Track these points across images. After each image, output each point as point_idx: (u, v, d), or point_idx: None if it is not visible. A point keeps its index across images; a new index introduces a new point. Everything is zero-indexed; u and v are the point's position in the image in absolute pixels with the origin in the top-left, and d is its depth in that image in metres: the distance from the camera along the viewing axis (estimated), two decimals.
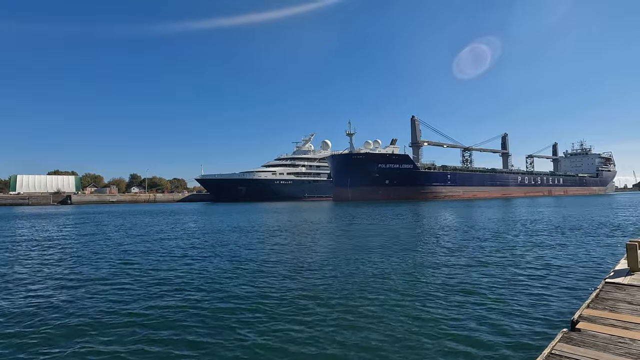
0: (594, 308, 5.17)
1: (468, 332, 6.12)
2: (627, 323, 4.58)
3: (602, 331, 4.32)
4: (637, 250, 7.17)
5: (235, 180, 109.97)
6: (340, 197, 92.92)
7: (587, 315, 4.86)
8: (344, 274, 10.60)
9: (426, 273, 10.55)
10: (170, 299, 8.32)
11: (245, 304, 7.90)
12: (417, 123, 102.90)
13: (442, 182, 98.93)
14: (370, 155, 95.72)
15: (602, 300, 5.51)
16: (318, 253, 14.50)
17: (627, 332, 4.27)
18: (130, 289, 9.29)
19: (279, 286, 9.31)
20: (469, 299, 7.97)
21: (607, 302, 5.45)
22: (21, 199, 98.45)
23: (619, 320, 4.67)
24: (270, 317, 7.02)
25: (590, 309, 5.13)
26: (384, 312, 7.18)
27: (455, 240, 17.55)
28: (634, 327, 4.43)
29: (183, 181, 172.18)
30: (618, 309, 5.11)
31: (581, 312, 4.97)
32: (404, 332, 6.20)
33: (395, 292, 8.56)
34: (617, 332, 4.28)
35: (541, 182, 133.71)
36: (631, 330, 4.33)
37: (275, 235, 20.78)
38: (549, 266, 11.25)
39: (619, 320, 4.68)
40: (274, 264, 12.37)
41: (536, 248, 14.76)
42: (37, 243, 18.85)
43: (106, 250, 15.97)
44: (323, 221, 30.49)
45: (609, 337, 4.14)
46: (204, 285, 9.58)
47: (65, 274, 11.28)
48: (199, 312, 7.37)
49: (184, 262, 13.02)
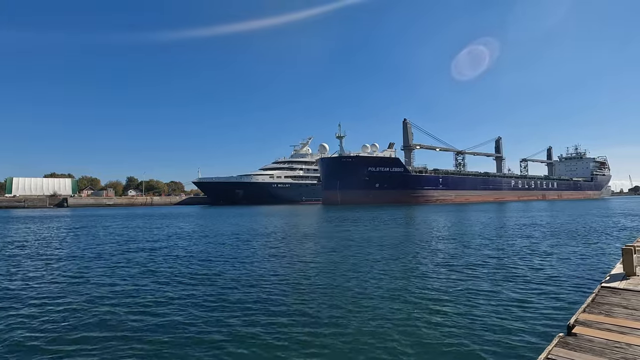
0: (590, 312, 5.17)
1: (463, 338, 6.10)
2: (623, 328, 4.58)
3: (598, 336, 4.32)
4: (632, 254, 7.19)
5: (232, 183, 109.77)
6: (330, 200, 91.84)
7: (583, 319, 4.86)
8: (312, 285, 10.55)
9: (419, 278, 10.53)
10: (162, 303, 8.27)
11: (225, 315, 7.85)
12: (409, 126, 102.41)
13: (433, 186, 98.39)
14: (360, 158, 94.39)
15: (598, 305, 5.51)
16: (294, 262, 14.31)
17: (623, 337, 4.27)
18: (117, 292, 9.23)
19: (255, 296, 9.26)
20: (464, 304, 7.94)
21: (603, 306, 5.46)
22: (17, 201, 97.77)
23: (615, 325, 4.67)
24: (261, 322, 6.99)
25: (586, 313, 5.13)
26: (374, 322, 7.03)
27: (448, 245, 17.50)
28: (630, 332, 4.44)
29: (180, 184, 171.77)
30: (614, 314, 5.11)
31: (577, 316, 4.97)
32: (399, 337, 6.17)
33: (387, 300, 8.51)
34: (613, 337, 4.28)
35: (535, 186, 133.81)
36: (627, 335, 4.34)
37: (249, 240, 20.70)
38: (545, 271, 11.25)
39: (615, 324, 4.69)
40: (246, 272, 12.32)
41: (531, 253, 14.75)
42: (26, 246, 18.70)
43: (89, 255, 15.86)
44: (302, 226, 30.43)
45: (605, 342, 4.14)
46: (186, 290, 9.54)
47: (48, 278, 11.20)
48: (191, 318, 7.33)
49: (170, 266, 12.96)
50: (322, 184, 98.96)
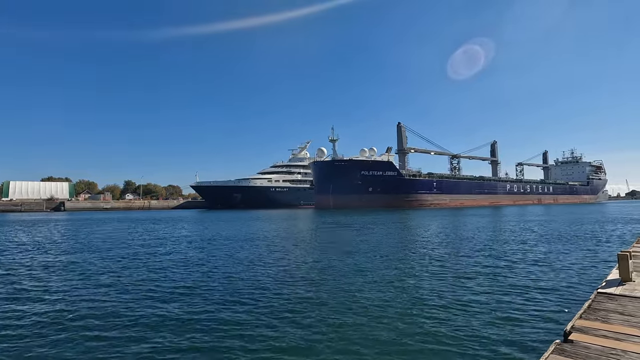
0: (586, 319, 5.20)
1: (459, 345, 6.09)
2: (619, 334, 4.61)
3: (595, 342, 4.35)
4: (628, 260, 7.23)
5: (230, 187, 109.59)
6: (322, 204, 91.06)
7: (579, 326, 4.89)
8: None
9: (414, 284, 10.53)
10: (157, 306, 8.24)
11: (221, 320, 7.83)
12: (403, 130, 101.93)
13: (427, 190, 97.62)
14: (353, 162, 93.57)
15: (594, 311, 5.54)
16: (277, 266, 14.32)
17: (619, 344, 4.30)
18: (110, 295, 9.19)
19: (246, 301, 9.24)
20: (459, 311, 7.90)
21: (600, 312, 5.49)
22: (14, 205, 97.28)
23: (611, 332, 4.70)
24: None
25: (582, 319, 5.16)
26: (370, 328, 7.00)
27: (441, 250, 17.45)
28: (626, 339, 4.47)
29: (178, 188, 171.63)
30: (610, 320, 5.14)
31: (574, 323, 4.99)
32: (395, 344, 6.18)
33: (381, 306, 8.47)
34: (609, 344, 4.30)
35: (531, 190, 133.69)
36: (623, 342, 4.36)
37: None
38: (540, 276, 11.25)
39: (611, 331, 4.72)
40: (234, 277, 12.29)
41: (526, 258, 14.73)
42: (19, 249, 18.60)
43: (81, 259, 15.79)
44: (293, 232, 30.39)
45: (601, 349, 4.16)
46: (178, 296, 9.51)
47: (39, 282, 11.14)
48: (188, 322, 7.31)
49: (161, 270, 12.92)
50: (315, 188, 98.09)
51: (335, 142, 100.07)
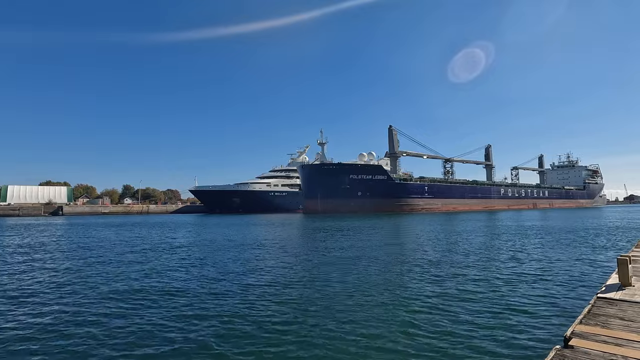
0: (586, 324, 5.18)
1: (459, 351, 6.07)
2: (619, 340, 4.59)
3: (595, 348, 4.32)
4: (627, 265, 7.23)
5: (229, 191, 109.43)
6: (311, 209, 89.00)
7: (579, 331, 4.87)
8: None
9: (412, 290, 10.50)
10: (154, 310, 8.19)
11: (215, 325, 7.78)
12: (395, 133, 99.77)
13: (419, 194, 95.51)
14: (341, 165, 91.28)
15: (594, 316, 5.52)
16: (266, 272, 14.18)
17: (619, 349, 4.28)
18: (102, 299, 9.14)
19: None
20: (459, 317, 7.86)
21: (600, 317, 5.47)
22: (11, 209, 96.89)
23: (611, 337, 4.68)
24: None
25: (582, 325, 5.14)
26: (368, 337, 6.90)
27: (438, 254, 17.42)
28: (626, 344, 4.45)
29: (177, 192, 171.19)
30: (610, 325, 5.12)
31: (574, 328, 4.97)
32: (396, 353, 6.14)
33: (379, 312, 8.44)
34: (610, 349, 4.28)
35: (526, 195, 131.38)
36: (623, 347, 4.34)
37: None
38: (540, 282, 11.21)
39: (611, 336, 4.70)
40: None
41: (526, 264, 14.68)
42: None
43: (76, 266, 15.71)
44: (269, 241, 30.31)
45: (601, 355, 4.15)
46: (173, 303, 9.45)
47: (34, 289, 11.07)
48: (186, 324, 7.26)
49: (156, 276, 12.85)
50: (303, 192, 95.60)
51: (324, 145, 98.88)
